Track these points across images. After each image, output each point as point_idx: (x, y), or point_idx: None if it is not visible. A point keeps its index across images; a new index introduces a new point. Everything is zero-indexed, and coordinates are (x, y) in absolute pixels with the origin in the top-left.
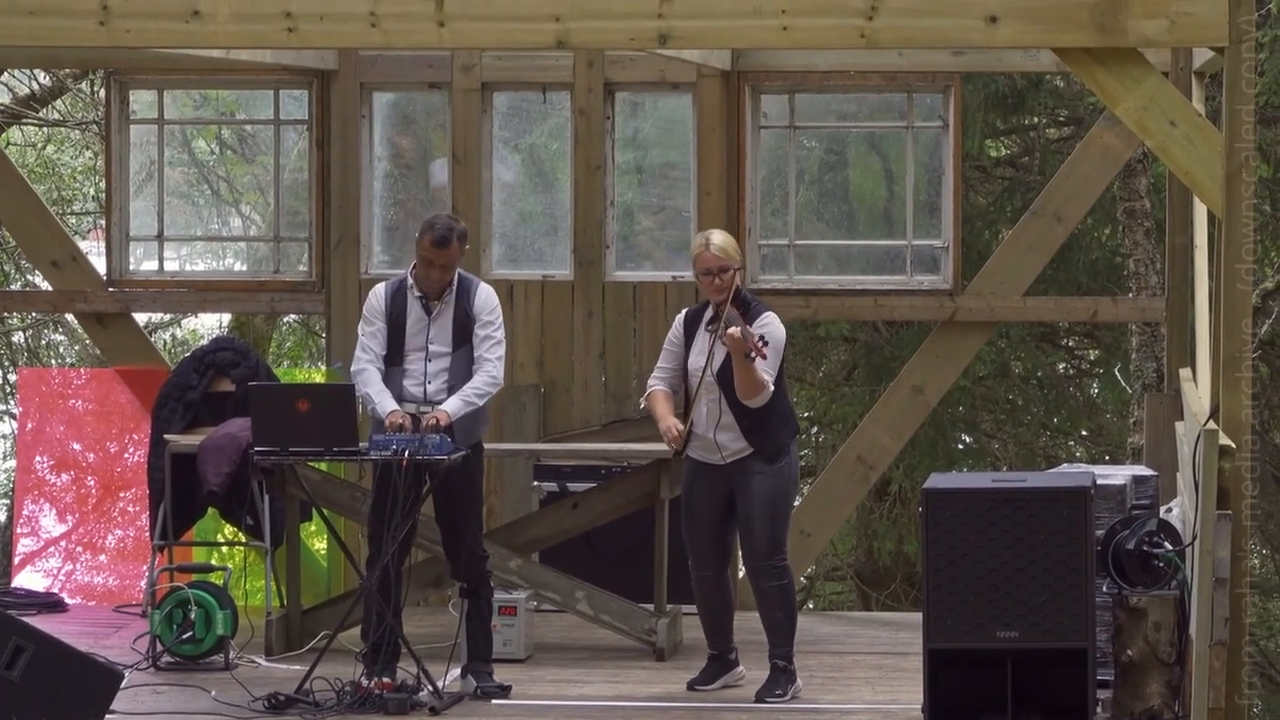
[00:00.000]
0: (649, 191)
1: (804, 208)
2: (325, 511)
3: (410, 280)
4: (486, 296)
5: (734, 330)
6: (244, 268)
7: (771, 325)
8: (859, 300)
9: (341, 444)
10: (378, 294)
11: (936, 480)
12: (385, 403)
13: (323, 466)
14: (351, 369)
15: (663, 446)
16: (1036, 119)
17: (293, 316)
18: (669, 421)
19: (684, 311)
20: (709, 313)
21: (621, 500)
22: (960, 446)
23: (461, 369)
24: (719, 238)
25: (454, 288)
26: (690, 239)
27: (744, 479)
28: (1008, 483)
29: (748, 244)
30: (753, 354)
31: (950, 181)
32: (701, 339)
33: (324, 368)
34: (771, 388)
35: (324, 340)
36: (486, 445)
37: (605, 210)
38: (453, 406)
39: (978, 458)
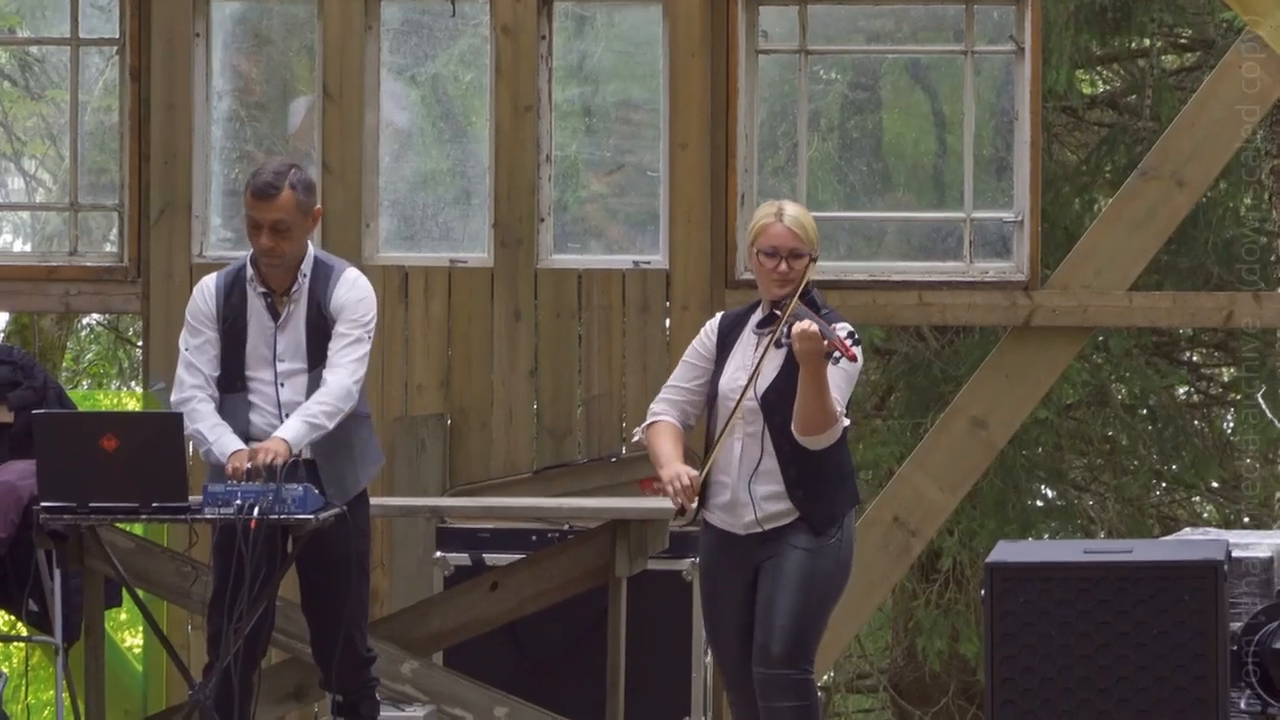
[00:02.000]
0: (601, 142)
1: (819, 166)
2: (141, 593)
3: (250, 269)
4: (351, 285)
5: (806, 323)
6: (27, 247)
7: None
8: (896, 296)
9: (165, 497)
10: (205, 290)
11: (1006, 551)
12: (225, 440)
13: (138, 530)
14: (171, 399)
15: (619, 502)
16: (1147, 41)
17: (96, 317)
18: (676, 467)
19: (720, 315)
20: (758, 315)
21: (561, 578)
22: (1039, 504)
23: None
24: (795, 209)
25: (307, 276)
26: (659, 209)
27: (776, 552)
28: (1106, 555)
29: (740, 214)
30: (837, 354)
31: (1026, 129)
32: (746, 346)
33: (140, 390)
34: (844, 423)
35: (140, 351)
36: (373, 500)
37: (539, 168)
38: (293, 432)
39: (1063, 519)
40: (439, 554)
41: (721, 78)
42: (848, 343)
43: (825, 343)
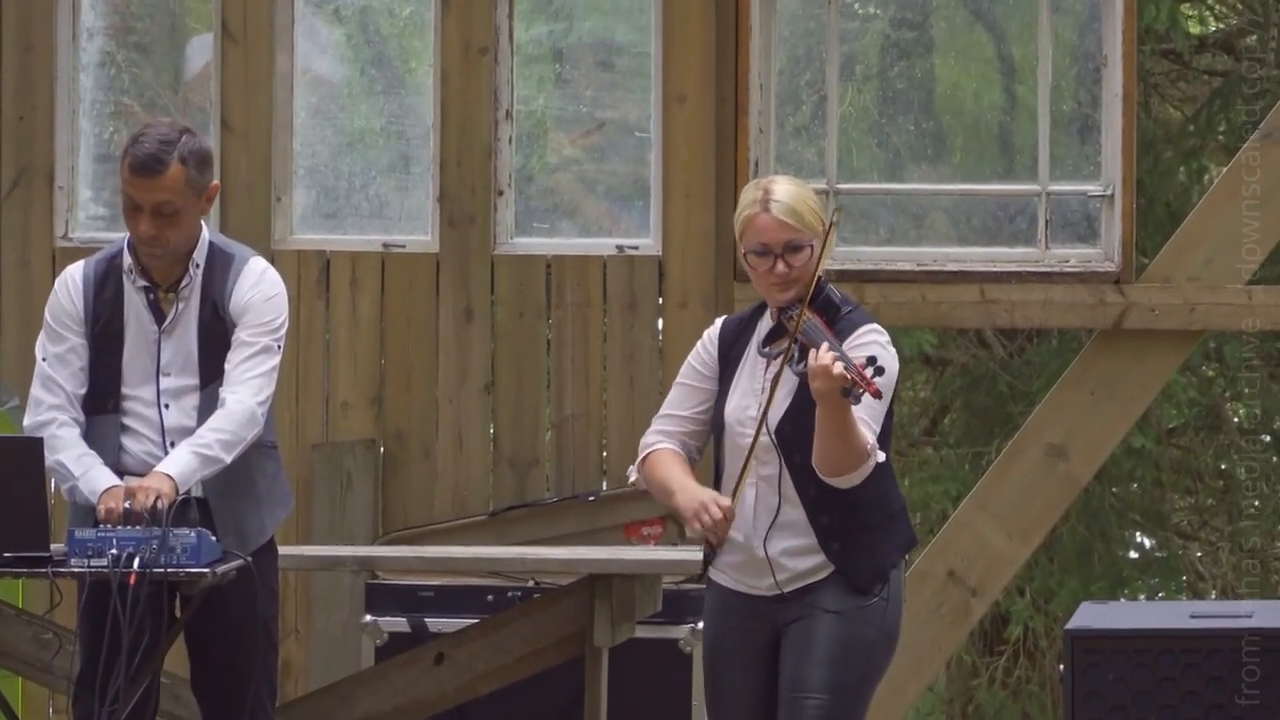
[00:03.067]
0: (574, 94)
1: (854, 125)
2: None
3: (127, 256)
4: (257, 280)
5: (825, 355)
6: None
7: (876, 346)
8: (952, 291)
9: (20, 545)
10: (71, 283)
11: (1091, 615)
12: (95, 474)
13: None
14: (25, 422)
15: (599, 552)
16: None
17: None
18: (697, 492)
19: (720, 321)
20: (765, 322)
21: (524, 649)
22: (1133, 555)
23: None
24: (786, 188)
25: (201, 267)
26: (650, 179)
27: (804, 614)
28: (1218, 620)
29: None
30: (859, 389)
31: (1117, 79)
32: (752, 369)
33: None
34: (877, 456)
35: None
36: (284, 550)
37: (496, 127)
38: (182, 468)
39: (1165, 575)
40: (369, 618)
41: (729, 12)
42: (868, 372)
43: (846, 374)
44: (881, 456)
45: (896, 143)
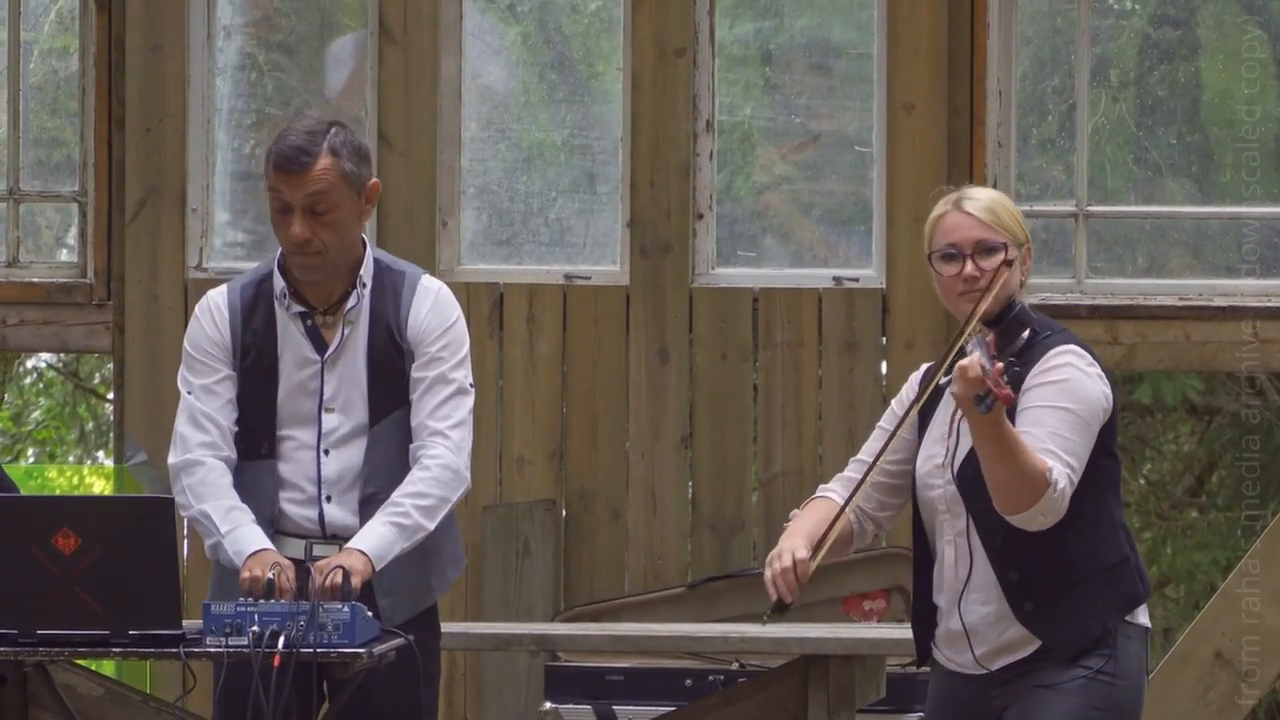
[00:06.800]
0: (785, 102)
1: (1108, 138)
2: None
3: (278, 279)
4: (434, 301)
5: (969, 358)
6: None
7: (1068, 367)
8: (1221, 330)
9: (147, 622)
10: (214, 309)
11: None
12: (244, 533)
13: (109, 669)
14: (170, 461)
15: (814, 630)
16: None
17: (47, 357)
18: (786, 540)
19: (924, 368)
20: (955, 355)
21: None
22: None
23: (396, 460)
24: (983, 190)
25: (368, 286)
26: (873, 200)
27: (1019, 699)
28: None
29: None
30: (990, 397)
31: None
32: (943, 412)
33: (109, 464)
34: (1062, 481)
35: (111, 407)
36: (450, 627)
37: (695, 141)
38: (377, 542)
39: None
40: (549, 705)
41: (964, 8)
42: (1002, 379)
43: (981, 382)
44: (1062, 484)
45: (1157, 158)
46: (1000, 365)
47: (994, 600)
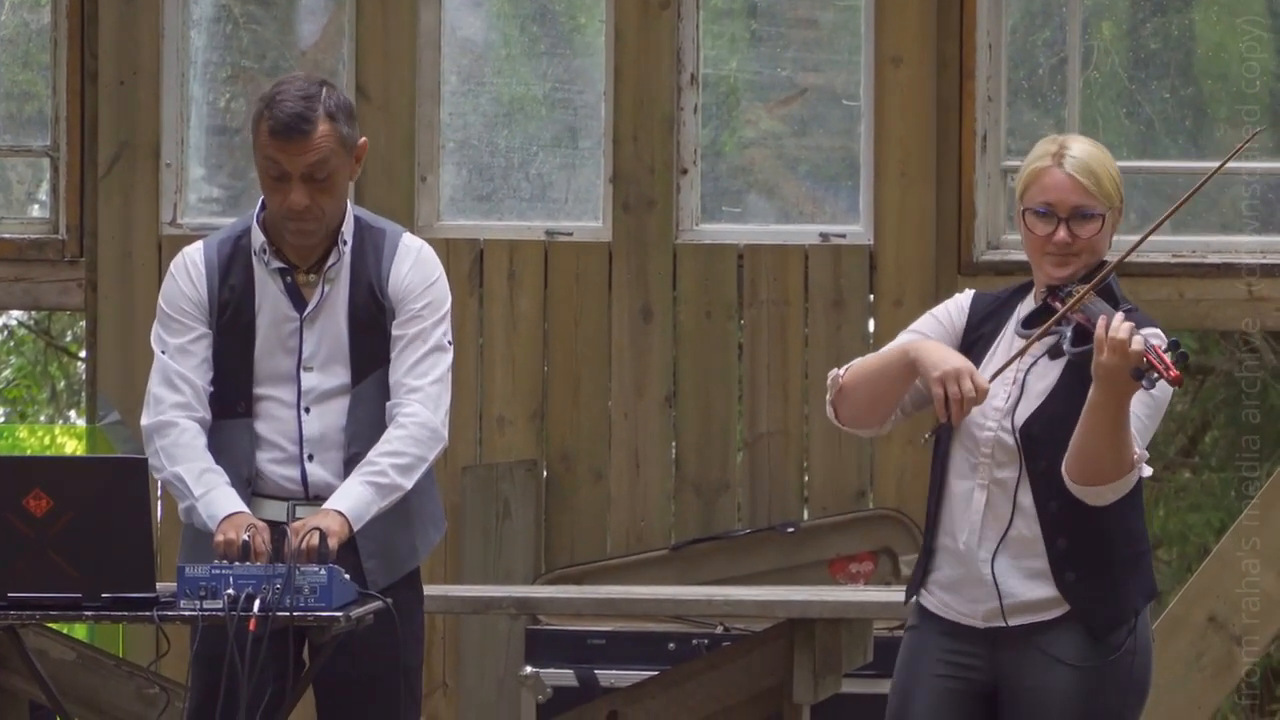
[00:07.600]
0: (771, 55)
1: (1100, 92)
2: None
3: (258, 234)
4: (416, 259)
5: (1122, 325)
6: None
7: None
8: (1216, 287)
9: (121, 585)
10: (191, 265)
11: None
12: (217, 495)
13: (81, 633)
14: (143, 423)
15: (799, 593)
16: None
17: (17, 315)
18: (957, 357)
19: (972, 293)
20: (1027, 305)
21: (711, 706)
22: None
23: (379, 419)
24: (1085, 146)
25: (349, 243)
26: (860, 155)
27: (1029, 666)
28: None
29: (979, 163)
30: (1154, 374)
31: None
32: (1005, 354)
33: (81, 423)
34: (1142, 470)
35: (84, 366)
36: (431, 589)
37: (679, 95)
38: (354, 503)
39: None
40: (530, 669)
41: None
42: (1167, 356)
43: (1142, 356)
44: (1148, 471)
45: (1149, 113)
46: (1163, 343)
47: (1033, 558)
